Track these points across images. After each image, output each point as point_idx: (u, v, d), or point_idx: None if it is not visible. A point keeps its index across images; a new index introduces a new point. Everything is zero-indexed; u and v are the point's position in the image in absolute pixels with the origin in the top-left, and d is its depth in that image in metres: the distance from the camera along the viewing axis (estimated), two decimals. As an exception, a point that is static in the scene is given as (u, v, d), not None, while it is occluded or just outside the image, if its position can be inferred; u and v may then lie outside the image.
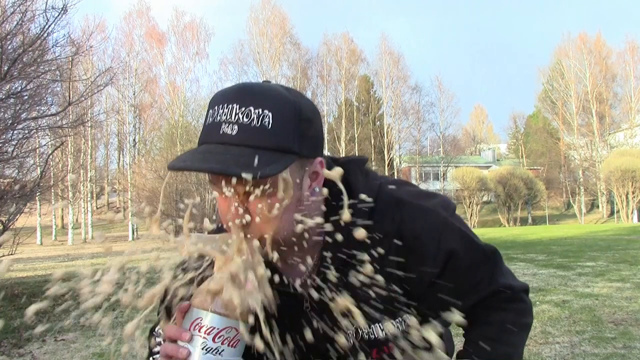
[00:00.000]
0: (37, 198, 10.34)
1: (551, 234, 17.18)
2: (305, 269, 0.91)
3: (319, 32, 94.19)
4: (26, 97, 6.58)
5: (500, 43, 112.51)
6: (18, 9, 6.08)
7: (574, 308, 4.83)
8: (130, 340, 0.81)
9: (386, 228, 0.89)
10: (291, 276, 0.94)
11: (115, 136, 37.29)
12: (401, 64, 38.34)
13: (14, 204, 6.26)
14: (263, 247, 0.83)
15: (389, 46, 38.68)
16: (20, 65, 6.03)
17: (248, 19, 36.75)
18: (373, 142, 36.86)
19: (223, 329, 0.80)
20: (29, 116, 6.72)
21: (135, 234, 28.93)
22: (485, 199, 35.51)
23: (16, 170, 7.15)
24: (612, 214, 34.63)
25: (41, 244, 26.52)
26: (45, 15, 6.05)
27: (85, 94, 8.58)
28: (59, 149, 17.28)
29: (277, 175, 0.79)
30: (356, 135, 36.73)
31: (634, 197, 30.56)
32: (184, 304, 0.81)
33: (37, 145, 8.70)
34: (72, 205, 29.10)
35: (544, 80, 40.66)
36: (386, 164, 36.39)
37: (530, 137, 44.93)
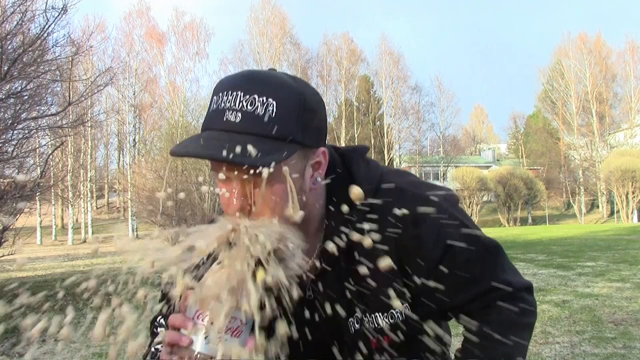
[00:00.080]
0: (37, 198, 10.34)
1: (551, 234, 17.18)
2: (308, 257, 0.91)
3: (319, 32, 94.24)
4: (26, 97, 6.58)
5: (500, 43, 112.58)
6: (18, 9, 6.08)
7: (574, 308, 4.83)
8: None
9: (387, 218, 0.89)
10: None
11: (115, 136, 37.33)
12: (401, 64, 38.36)
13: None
14: (262, 238, 0.82)
15: (389, 46, 38.70)
16: (20, 65, 6.03)
17: (248, 19, 36.75)
18: (373, 142, 36.84)
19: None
20: (29, 116, 6.72)
21: (135, 233, 28.91)
22: (485, 199, 35.48)
23: (16, 170, 7.14)
24: (612, 214, 34.61)
25: (41, 243, 26.50)
26: (45, 15, 6.06)
27: (85, 94, 8.59)
28: (59, 149, 17.26)
29: (280, 164, 0.79)
30: (356, 135, 36.72)
31: (634, 197, 30.55)
32: (188, 293, 0.81)
33: (37, 145, 8.70)
34: (72, 206, 29.09)
35: (544, 80, 40.66)
36: (386, 164, 36.37)
37: (530, 137, 44.91)
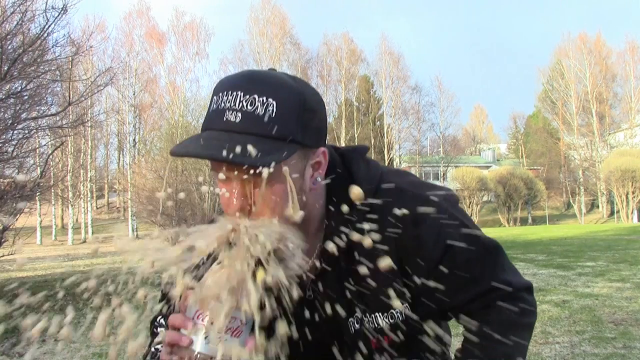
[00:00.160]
0: (37, 198, 10.34)
1: (551, 234, 17.17)
2: (308, 257, 0.91)
3: (319, 32, 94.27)
4: (26, 97, 6.58)
5: (500, 43, 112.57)
6: (18, 9, 6.08)
7: (574, 308, 4.83)
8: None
9: (387, 217, 0.89)
10: None
11: (115, 136, 37.32)
12: (401, 64, 38.36)
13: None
14: (262, 239, 0.82)
15: (389, 46, 38.68)
16: (20, 65, 6.03)
17: (248, 19, 36.74)
18: (373, 142, 36.83)
19: None
20: (29, 116, 6.72)
21: (135, 233, 28.90)
22: (485, 199, 35.47)
23: (16, 170, 7.14)
24: (612, 214, 34.61)
25: (41, 243, 26.50)
26: (45, 15, 6.06)
27: (85, 94, 8.59)
28: (59, 149, 17.25)
29: (280, 164, 0.79)
30: (356, 135, 36.70)
31: (634, 197, 30.54)
32: (188, 293, 0.81)
33: (37, 145, 8.70)
34: (72, 206, 29.09)
35: (544, 80, 40.65)
36: (386, 164, 36.36)
37: (530, 137, 44.90)
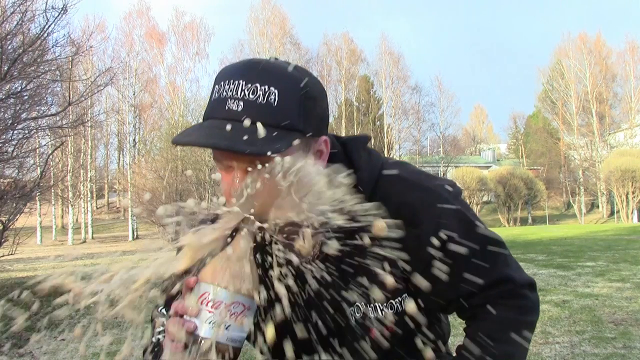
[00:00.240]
0: (37, 198, 10.35)
1: (551, 234, 17.16)
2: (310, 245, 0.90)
3: (319, 32, 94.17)
4: (26, 97, 6.58)
5: (500, 43, 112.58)
6: (18, 9, 6.08)
7: (574, 308, 4.83)
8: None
9: (387, 206, 0.88)
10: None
11: (115, 136, 37.30)
12: (401, 64, 38.27)
13: (14, 204, 6.26)
14: (265, 225, 0.83)
15: (389, 46, 38.60)
16: (20, 65, 6.03)
17: (248, 19, 36.69)
18: (373, 142, 36.84)
19: (230, 303, 0.79)
20: (29, 116, 6.72)
21: (135, 233, 28.90)
22: (485, 199, 35.46)
23: (16, 170, 7.14)
24: (612, 214, 34.59)
25: (41, 243, 26.50)
26: (45, 15, 6.05)
27: (85, 94, 8.58)
28: (59, 149, 17.27)
29: (282, 153, 0.78)
30: (356, 135, 36.69)
31: (634, 197, 30.52)
32: (191, 279, 0.81)
33: (37, 145, 8.70)
34: (73, 206, 29.08)
35: (544, 80, 40.61)
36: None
37: (530, 137, 44.89)
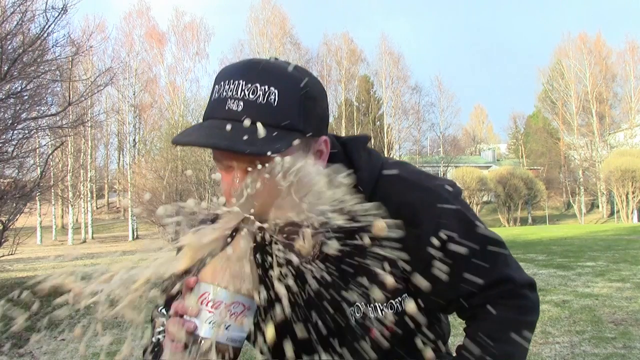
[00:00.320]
0: (37, 198, 10.35)
1: (551, 234, 17.15)
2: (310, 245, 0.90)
3: (319, 32, 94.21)
4: (26, 97, 6.58)
5: (500, 43, 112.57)
6: (18, 9, 6.08)
7: (574, 308, 4.83)
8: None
9: (387, 206, 0.88)
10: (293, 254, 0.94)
11: (115, 136, 37.30)
12: (401, 64, 38.29)
13: (14, 204, 6.26)
14: (265, 224, 0.83)
15: (389, 46, 38.60)
16: (20, 65, 6.03)
17: (248, 19, 36.69)
18: (373, 142, 36.84)
19: (230, 303, 0.79)
20: (29, 116, 6.72)
21: (135, 234, 28.90)
22: (485, 199, 35.45)
23: (16, 170, 7.14)
24: (612, 214, 34.59)
25: (41, 243, 26.50)
26: (45, 15, 6.05)
27: (85, 94, 8.58)
28: (59, 149, 17.27)
29: (282, 153, 0.78)
30: (356, 135, 36.69)
31: (634, 197, 30.52)
32: (191, 279, 0.81)
33: (37, 145, 8.70)
34: (73, 206, 29.08)
35: (544, 80, 40.60)
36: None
37: (530, 137, 44.88)
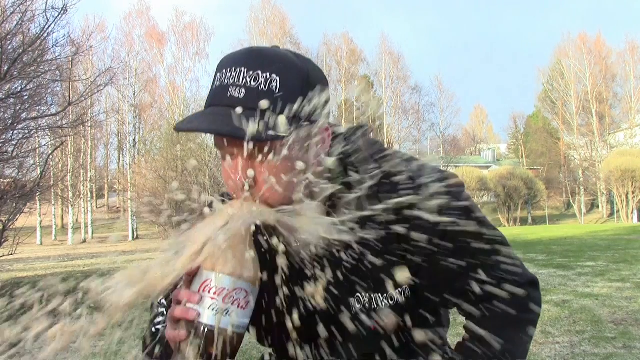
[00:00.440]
0: (37, 198, 10.34)
1: (551, 234, 17.16)
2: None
3: (319, 32, 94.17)
4: (26, 97, 6.58)
5: (500, 43, 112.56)
6: (18, 9, 6.08)
7: (574, 308, 4.83)
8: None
9: (389, 203, 0.87)
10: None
11: (115, 136, 37.26)
12: (401, 64, 38.39)
13: (14, 204, 6.26)
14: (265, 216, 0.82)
15: (389, 46, 38.70)
16: (20, 65, 6.03)
17: (248, 19, 36.71)
18: (373, 142, 36.79)
19: (233, 290, 0.79)
20: (29, 116, 6.71)
21: (135, 234, 28.90)
22: (485, 199, 35.45)
23: (16, 170, 7.14)
24: (612, 214, 34.59)
25: (41, 244, 26.49)
26: (45, 15, 6.05)
27: (85, 94, 8.57)
28: (59, 149, 17.27)
29: (282, 140, 0.79)
30: (356, 135, 36.67)
31: (634, 197, 30.52)
32: (193, 266, 0.80)
33: (37, 145, 8.70)
34: (73, 206, 29.08)
35: (544, 80, 40.61)
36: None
37: (530, 137, 44.89)
